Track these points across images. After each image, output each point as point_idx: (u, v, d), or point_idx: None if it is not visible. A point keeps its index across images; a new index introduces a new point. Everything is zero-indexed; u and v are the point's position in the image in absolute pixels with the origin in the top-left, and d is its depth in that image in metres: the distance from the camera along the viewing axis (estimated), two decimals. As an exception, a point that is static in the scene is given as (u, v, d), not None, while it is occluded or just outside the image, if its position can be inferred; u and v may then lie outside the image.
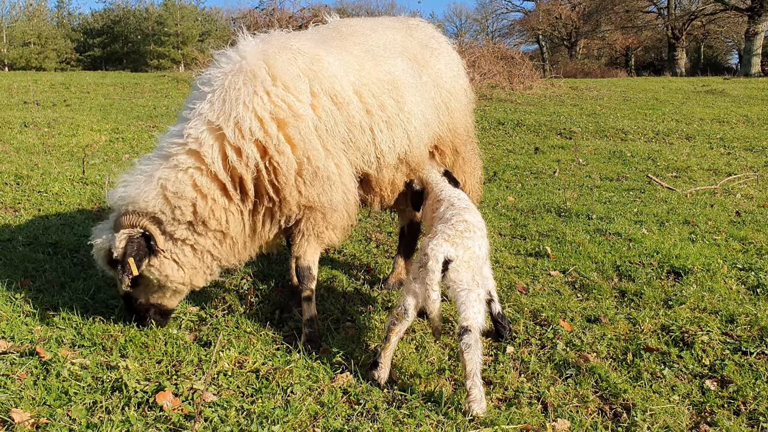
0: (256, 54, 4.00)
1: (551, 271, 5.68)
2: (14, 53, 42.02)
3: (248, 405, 3.43)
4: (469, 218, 4.02)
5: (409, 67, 4.54)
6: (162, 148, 3.98)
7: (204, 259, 4.04)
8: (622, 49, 53.23)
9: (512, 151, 12.98)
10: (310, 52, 4.11)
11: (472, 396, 3.40)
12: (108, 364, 3.77)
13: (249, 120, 3.80)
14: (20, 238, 6.04)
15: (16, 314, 4.40)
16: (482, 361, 3.54)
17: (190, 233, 3.93)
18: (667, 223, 7.31)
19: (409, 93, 4.41)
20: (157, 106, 18.03)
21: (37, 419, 3.17)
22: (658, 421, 3.37)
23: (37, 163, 9.65)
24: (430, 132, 4.61)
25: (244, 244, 4.13)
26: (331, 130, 4.05)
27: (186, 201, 3.84)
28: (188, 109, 4.01)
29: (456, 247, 3.68)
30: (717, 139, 14.07)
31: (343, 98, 4.08)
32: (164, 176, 3.85)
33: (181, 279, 4.03)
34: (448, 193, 4.40)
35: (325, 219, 4.11)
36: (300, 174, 3.93)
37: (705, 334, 4.36)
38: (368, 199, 4.64)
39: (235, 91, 3.86)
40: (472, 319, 3.49)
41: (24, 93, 19.67)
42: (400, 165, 4.50)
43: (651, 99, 21.26)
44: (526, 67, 25.21)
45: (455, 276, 3.63)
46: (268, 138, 3.83)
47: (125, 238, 3.83)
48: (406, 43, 4.68)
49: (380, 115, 4.24)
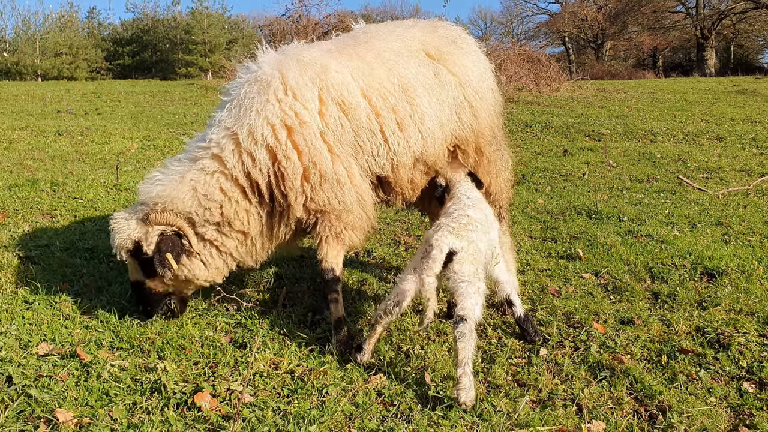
0: (271, 65, 4.23)
1: (583, 274, 5.65)
2: (47, 63, 42.85)
3: (284, 405, 3.47)
4: (471, 213, 4.05)
5: (425, 67, 4.55)
6: (190, 151, 4.25)
7: (227, 261, 4.35)
8: (650, 51, 52.66)
9: (540, 153, 12.92)
10: (320, 62, 4.26)
11: (461, 384, 3.45)
12: (146, 365, 3.84)
13: (261, 126, 4.03)
14: (58, 244, 6.18)
15: (56, 317, 4.51)
16: (475, 351, 3.57)
17: (218, 234, 4.22)
18: (699, 225, 7.23)
19: (424, 93, 4.45)
20: (186, 113, 18.28)
21: (80, 419, 3.24)
22: (695, 423, 3.34)
23: (71, 171, 9.85)
24: (448, 131, 4.61)
25: (262, 245, 4.40)
26: (339, 136, 4.18)
27: (215, 203, 4.11)
28: (213, 117, 4.30)
29: (461, 240, 3.75)
30: (749, 139, 13.85)
31: (350, 104, 4.20)
32: (194, 178, 4.12)
33: (206, 277, 4.33)
34: (460, 191, 4.44)
35: (341, 220, 4.24)
36: (307, 179, 4.10)
37: (741, 335, 4.30)
38: (390, 198, 4.71)
39: (249, 100, 4.11)
40: (469, 309, 3.54)
41: (57, 102, 20.09)
42: (417, 164, 4.55)
43: (680, 100, 21.01)
44: (553, 69, 25.07)
45: (459, 268, 3.68)
46: (278, 144, 4.04)
47: (159, 233, 4.07)
48: (428, 39, 4.67)
49: (391, 117, 4.32)
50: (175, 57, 45.92)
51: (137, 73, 47.24)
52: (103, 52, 48.03)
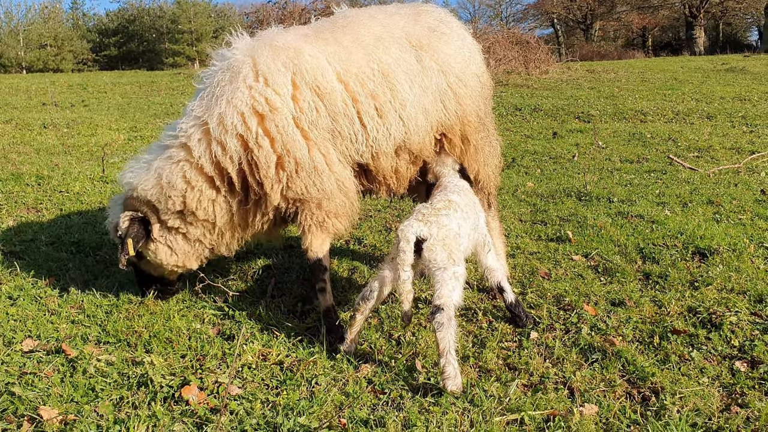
0: (244, 51, 4.17)
1: (573, 256, 5.62)
2: (31, 56, 42.46)
3: (273, 397, 3.43)
4: (453, 198, 4.00)
5: (407, 53, 4.43)
6: (162, 139, 4.31)
7: (195, 246, 4.37)
8: (639, 30, 52.57)
9: (530, 136, 12.87)
10: (293, 47, 4.16)
11: (446, 374, 3.41)
12: (133, 359, 3.79)
13: (231, 115, 3.97)
14: (43, 238, 6.10)
15: (42, 313, 4.45)
16: (457, 339, 3.53)
17: (182, 222, 4.25)
18: (690, 204, 7.20)
19: (405, 79, 4.34)
20: (173, 103, 18.12)
21: (65, 416, 3.19)
22: (688, 404, 3.32)
23: (57, 164, 9.75)
24: (432, 119, 4.50)
25: (233, 234, 4.38)
26: (314, 122, 4.09)
27: (177, 191, 4.12)
28: (187, 106, 4.31)
29: (429, 226, 3.66)
30: (739, 117, 13.83)
31: (325, 89, 4.09)
32: (160, 166, 4.17)
33: (175, 262, 4.38)
34: (446, 180, 4.39)
35: (321, 208, 4.18)
36: (282, 167, 4.03)
37: (733, 314, 4.28)
38: (373, 187, 4.62)
39: (221, 88, 4.06)
40: (446, 297, 3.49)
41: (42, 95, 19.88)
42: (401, 152, 4.44)
43: (670, 79, 20.98)
44: (542, 51, 25.01)
45: (429, 255, 3.61)
46: (249, 132, 3.98)
47: (128, 218, 4.23)
48: (410, 28, 4.56)
49: (370, 103, 4.21)
50: (161, 47, 45.58)
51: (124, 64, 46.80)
52: (89, 44, 47.61)
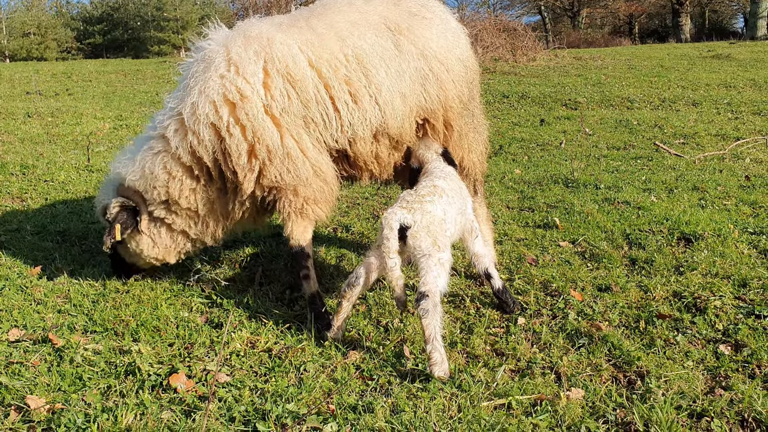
0: (218, 41, 4.22)
1: (560, 242, 5.65)
2: (15, 44, 41.84)
3: (262, 384, 3.44)
4: (439, 183, 4.00)
5: (384, 38, 4.40)
6: (147, 130, 4.41)
7: (177, 240, 4.46)
8: (626, 17, 52.61)
9: (517, 123, 12.89)
10: (266, 35, 4.17)
11: (432, 360, 3.43)
12: (120, 348, 3.78)
13: (203, 104, 4.01)
14: (28, 228, 6.06)
15: (28, 303, 4.43)
16: (443, 325, 3.56)
17: (167, 213, 4.34)
18: (676, 190, 7.26)
19: (380, 64, 4.31)
20: (159, 91, 17.95)
21: (53, 405, 3.18)
22: (673, 387, 3.35)
23: (42, 153, 9.66)
24: (412, 103, 4.46)
25: (216, 223, 4.43)
26: (286, 109, 4.09)
27: (160, 182, 4.22)
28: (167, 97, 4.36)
29: (413, 213, 3.67)
30: (724, 104, 13.92)
31: (297, 75, 4.09)
32: (143, 158, 4.27)
33: (155, 255, 4.50)
34: (432, 166, 4.39)
35: (299, 195, 4.18)
36: (254, 155, 4.05)
37: (717, 299, 4.33)
38: (355, 173, 4.61)
39: (195, 78, 4.11)
40: (431, 283, 3.50)
41: (26, 84, 19.64)
42: (381, 138, 4.43)
43: (656, 66, 21.02)
44: (529, 38, 24.92)
45: (414, 242, 3.63)
46: (220, 121, 4.01)
47: (119, 204, 4.31)
48: (388, 13, 4.52)
49: (343, 89, 4.20)
50: (147, 35, 45.02)
51: (109, 52, 46.25)
52: (73, 32, 46.95)
